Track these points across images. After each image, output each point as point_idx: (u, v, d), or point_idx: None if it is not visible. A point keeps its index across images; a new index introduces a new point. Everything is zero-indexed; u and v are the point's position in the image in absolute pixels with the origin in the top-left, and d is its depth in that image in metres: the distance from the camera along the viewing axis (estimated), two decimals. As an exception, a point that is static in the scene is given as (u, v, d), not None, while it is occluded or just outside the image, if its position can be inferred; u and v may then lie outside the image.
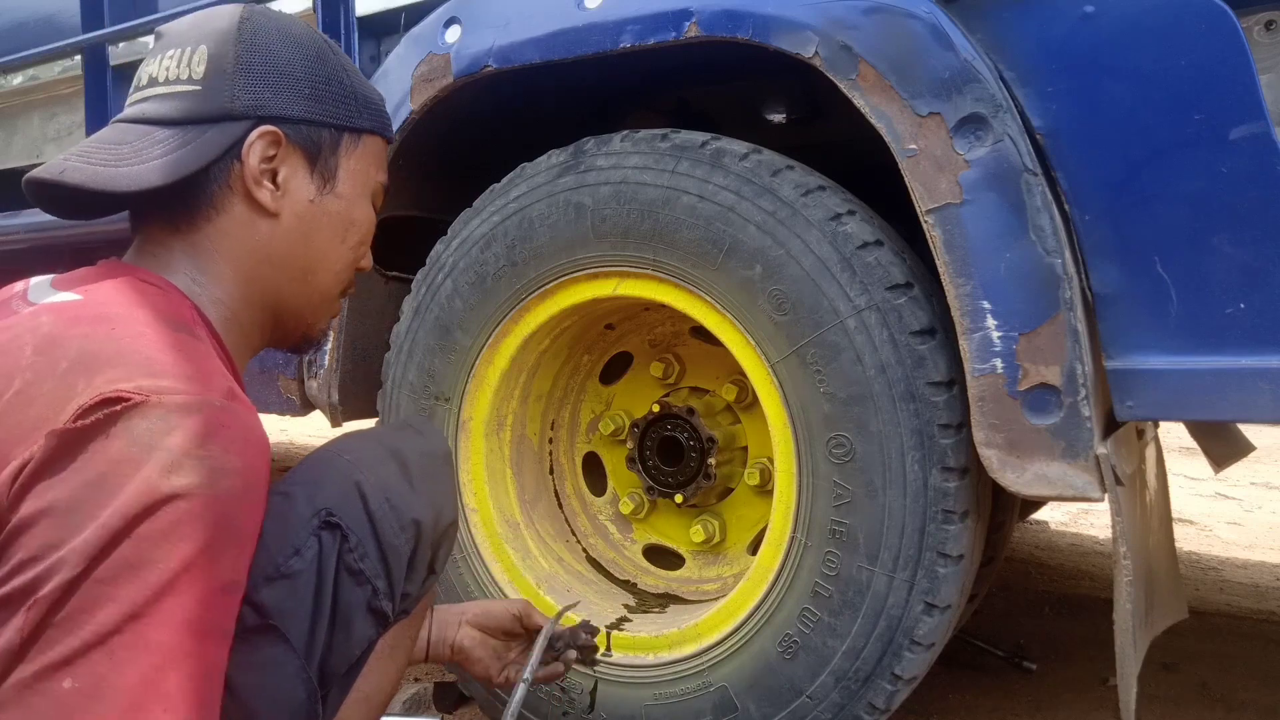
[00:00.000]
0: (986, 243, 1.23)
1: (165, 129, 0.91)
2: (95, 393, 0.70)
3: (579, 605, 1.61)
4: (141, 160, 0.88)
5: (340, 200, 1.00)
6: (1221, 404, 1.15)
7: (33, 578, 0.66)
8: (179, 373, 0.75)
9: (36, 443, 0.69)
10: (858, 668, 1.34)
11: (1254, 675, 2.06)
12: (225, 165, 0.92)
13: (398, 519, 0.93)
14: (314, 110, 0.96)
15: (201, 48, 0.92)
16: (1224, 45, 1.11)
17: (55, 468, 0.69)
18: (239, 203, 0.93)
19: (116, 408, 0.70)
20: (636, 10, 1.46)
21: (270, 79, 0.93)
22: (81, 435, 0.69)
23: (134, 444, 0.69)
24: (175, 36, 0.95)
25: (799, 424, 1.38)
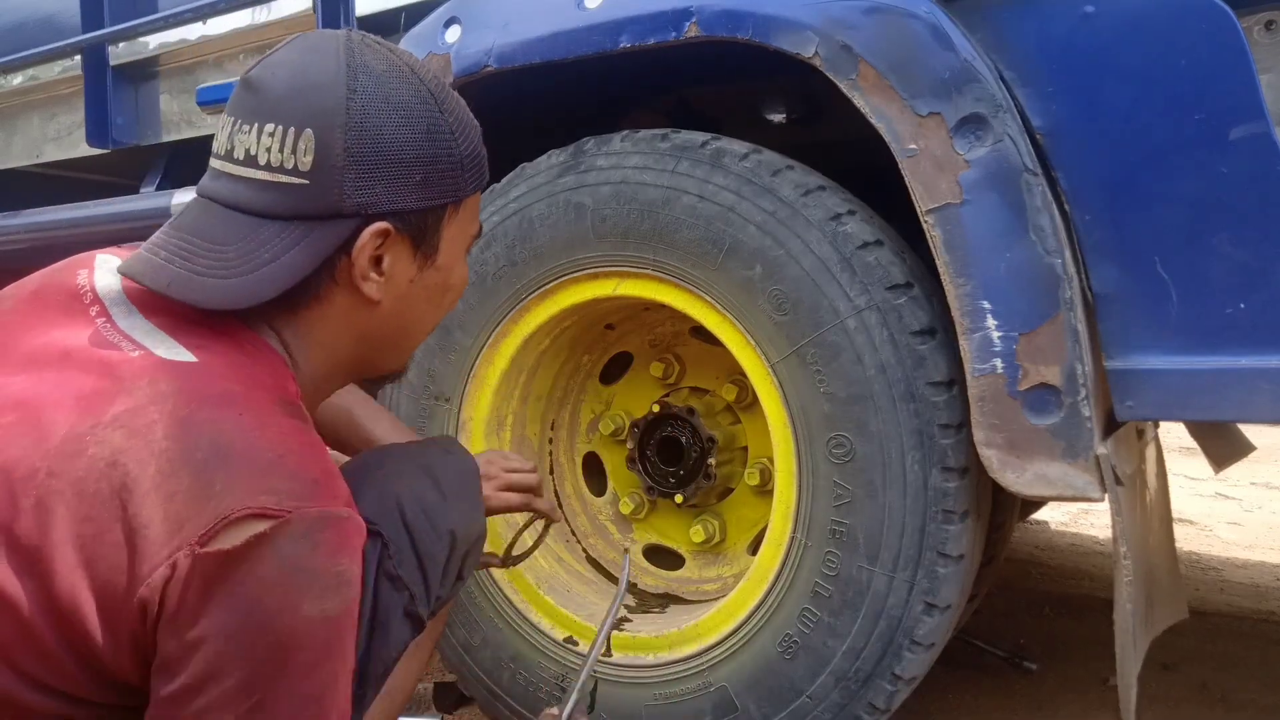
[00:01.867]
0: (986, 243, 1.23)
1: (271, 224, 0.84)
2: (238, 504, 0.72)
3: (578, 606, 1.62)
4: (252, 267, 0.83)
5: (439, 271, 0.95)
6: (1221, 404, 1.15)
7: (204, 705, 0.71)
8: (308, 477, 0.76)
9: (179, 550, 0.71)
10: (858, 668, 1.34)
11: (1254, 675, 2.06)
12: (333, 261, 0.87)
13: (434, 529, 0.97)
14: (424, 197, 0.89)
15: (307, 132, 0.83)
16: (1224, 45, 1.11)
17: (209, 596, 0.71)
18: (342, 293, 0.89)
19: (261, 529, 0.72)
20: (636, 10, 1.46)
21: (380, 171, 0.85)
22: (228, 565, 0.71)
23: (282, 567, 0.72)
24: (274, 106, 0.84)
25: (799, 424, 1.38)
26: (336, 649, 0.75)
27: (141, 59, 2.21)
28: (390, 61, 0.88)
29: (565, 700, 1.16)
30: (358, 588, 0.77)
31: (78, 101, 2.29)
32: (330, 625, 0.74)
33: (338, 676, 0.76)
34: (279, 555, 0.72)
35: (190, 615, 0.71)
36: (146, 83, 2.25)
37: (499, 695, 1.64)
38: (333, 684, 0.76)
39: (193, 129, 2.19)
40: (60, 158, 2.45)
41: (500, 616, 1.65)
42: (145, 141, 2.28)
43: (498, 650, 1.65)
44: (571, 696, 1.18)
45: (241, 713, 0.71)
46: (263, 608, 0.71)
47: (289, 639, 0.72)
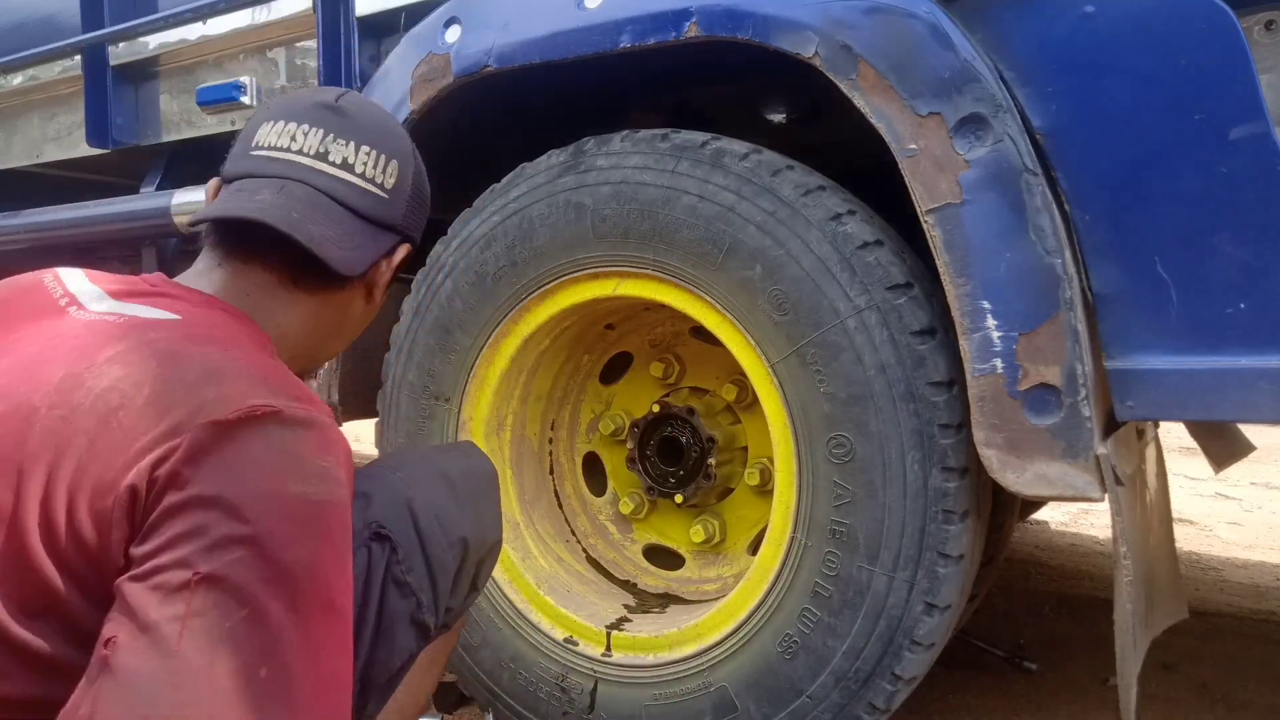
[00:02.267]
0: (986, 243, 1.23)
1: (356, 220, 1.02)
2: (232, 404, 0.77)
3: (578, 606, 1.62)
4: (352, 246, 1.00)
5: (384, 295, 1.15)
6: (1221, 404, 1.15)
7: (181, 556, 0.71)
8: (292, 394, 0.83)
9: (178, 436, 0.75)
10: (858, 668, 1.34)
11: (1254, 675, 2.06)
12: (377, 262, 1.07)
13: (445, 536, 0.97)
14: (419, 234, 1.13)
15: (394, 163, 1.05)
16: (1224, 45, 1.11)
17: (200, 462, 0.74)
18: (360, 288, 1.07)
19: (256, 413, 0.77)
20: (636, 10, 1.46)
21: (420, 208, 1.12)
22: (222, 434, 0.75)
23: (269, 449, 0.77)
24: (366, 131, 1.04)
25: (799, 424, 1.38)
26: (322, 532, 0.77)
27: (141, 59, 2.21)
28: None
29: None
30: (343, 490, 0.81)
31: (78, 101, 2.29)
32: (314, 507, 0.77)
33: (323, 560, 0.76)
34: (267, 437, 0.77)
35: (179, 482, 0.73)
36: (146, 83, 2.26)
37: (499, 695, 1.64)
38: (316, 564, 0.76)
39: (193, 129, 2.19)
40: (60, 158, 2.45)
41: (500, 616, 1.65)
42: (145, 141, 2.28)
43: (498, 650, 1.65)
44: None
45: (225, 565, 0.71)
46: (248, 477, 0.75)
47: (271, 509, 0.74)
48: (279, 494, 0.76)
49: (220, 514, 0.73)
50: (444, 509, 0.98)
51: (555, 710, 1.59)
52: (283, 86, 2.02)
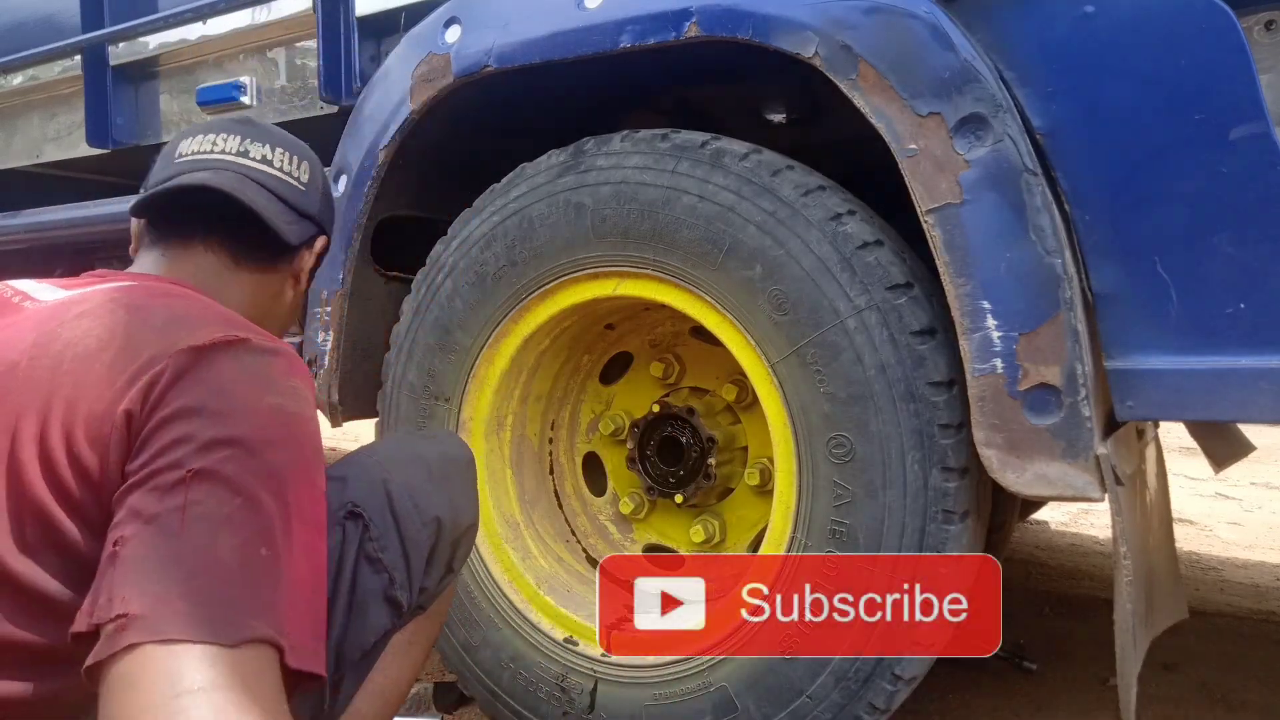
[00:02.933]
0: (986, 243, 1.23)
1: (282, 205, 1.11)
2: (202, 337, 0.83)
3: (577, 606, 1.61)
4: (287, 222, 1.11)
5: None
6: (1221, 404, 1.15)
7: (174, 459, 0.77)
8: (256, 330, 0.90)
9: (159, 364, 0.80)
10: (858, 668, 1.34)
11: (1254, 675, 2.06)
12: (301, 249, 1.16)
13: (420, 515, 1.00)
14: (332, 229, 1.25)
15: (305, 162, 1.17)
16: (1224, 45, 1.11)
17: (181, 381, 0.80)
18: (288, 273, 1.16)
19: (229, 340, 0.84)
20: (636, 10, 1.46)
21: (330, 208, 1.24)
22: (199, 356, 0.81)
23: (243, 369, 0.83)
24: (279, 141, 1.16)
25: (799, 424, 1.38)
26: (300, 440, 0.83)
27: (141, 59, 2.21)
28: None
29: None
30: (312, 409, 0.87)
31: (78, 101, 2.29)
32: (290, 417, 0.83)
33: (301, 467, 0.81)
34: (239, 360, 0.83)
35: (165, 400, 0.79)
36: (146, 83, 2.26)
37: (499, 695, 1.64)
38: (297, 469, 0.81)
39: (193, 129, 2.19)
40: (60, 158, 2.45)
41: (500, 616, 1.65)
42: (145, 141, 2.28)
43: (498, 650, 1.65)
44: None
45: (215, 461, 0.76)
46: (226, 390, 0.81)
47: (252, 417, 0.80)
48: (257, 404, 0.81)
49: (205, 420, 0.78)
50: (419, 489, 1.01)
51: (555, 710, 1.59)
52: (282, 86, 2.02)
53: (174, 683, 0.68)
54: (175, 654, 0.69)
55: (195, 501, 0.75)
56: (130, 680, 0.69)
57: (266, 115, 2.04)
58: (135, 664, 0.69)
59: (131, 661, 0.69)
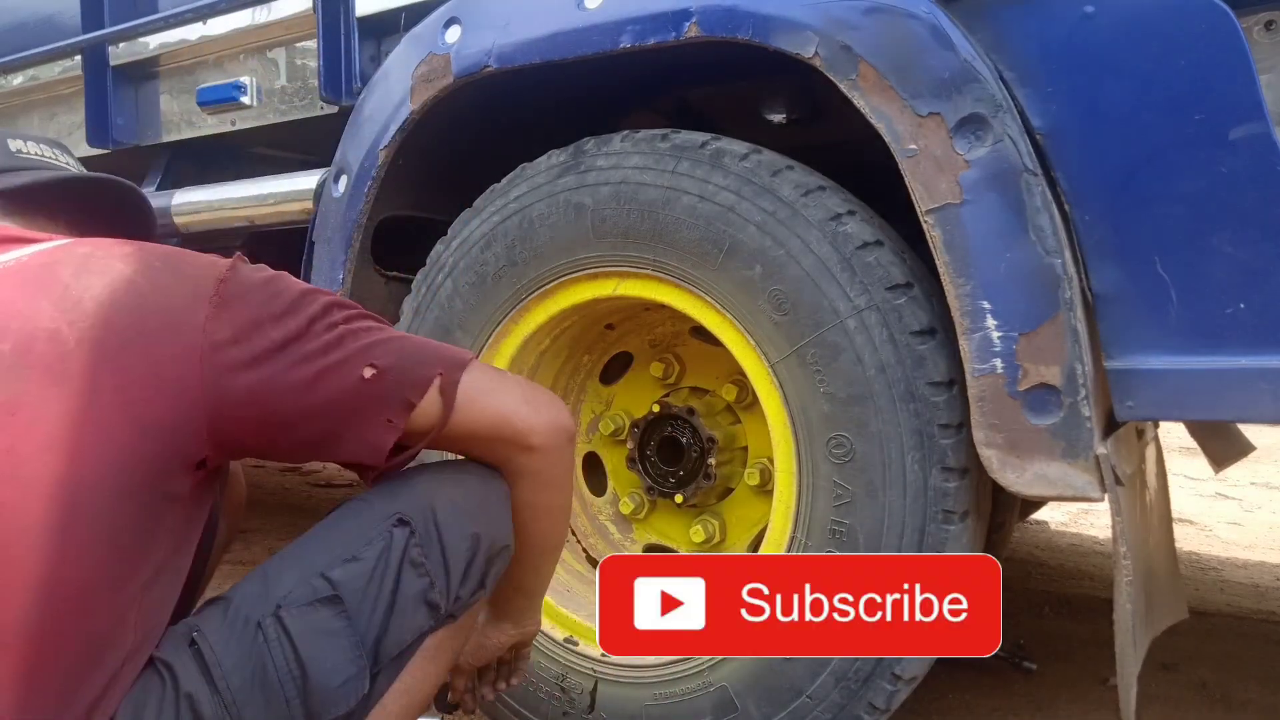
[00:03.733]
0: (986, 243, 1.23)
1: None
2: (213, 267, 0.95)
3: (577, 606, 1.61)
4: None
5: None
6: (1221, 404, 1.15)
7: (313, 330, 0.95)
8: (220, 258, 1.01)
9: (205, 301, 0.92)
10: (858, 668, 1.34)
11: (1254, 675, 2.06)
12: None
13: (460, 530, 1.06)
14: None
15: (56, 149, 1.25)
16: (1224, 45, 1.11)
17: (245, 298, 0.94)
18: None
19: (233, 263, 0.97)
20: (636, 10, 1.46)
21: None
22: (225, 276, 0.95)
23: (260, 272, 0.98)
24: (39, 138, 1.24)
25: (799, 424, 1.38)
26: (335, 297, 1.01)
27: (142, 59, 2.21)
28: None
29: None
30: None
31: (78, 101, 2.29)
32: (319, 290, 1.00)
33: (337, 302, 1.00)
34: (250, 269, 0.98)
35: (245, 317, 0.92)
36: (147, 83, 2.26)
37: (499, 695, 1.64)
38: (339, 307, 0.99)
39: (193, 129, 2.19)
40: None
41: (500, 616, 1.65)
42: (145, 141, 2.28)
43: (498, 650, 1.64)
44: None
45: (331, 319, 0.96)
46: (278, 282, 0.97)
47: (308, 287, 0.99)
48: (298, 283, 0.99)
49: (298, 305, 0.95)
50: (461, 507, 1.07)
51: (555, 710, 1.59)
52: (282, 86, 2.02)
53: (496, 375, 1.09)
54: (477, 369, 1.04)
55: (369, 328, 0.98)
56: (484, 389, 1.03)
57: (266, 115, 2.04)
58: (474, 385, 1.02)
59: (470, 386, 1.01)
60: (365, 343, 0.96)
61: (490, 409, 1.04)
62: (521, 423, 1.05)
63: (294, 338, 0.93)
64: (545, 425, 1.07)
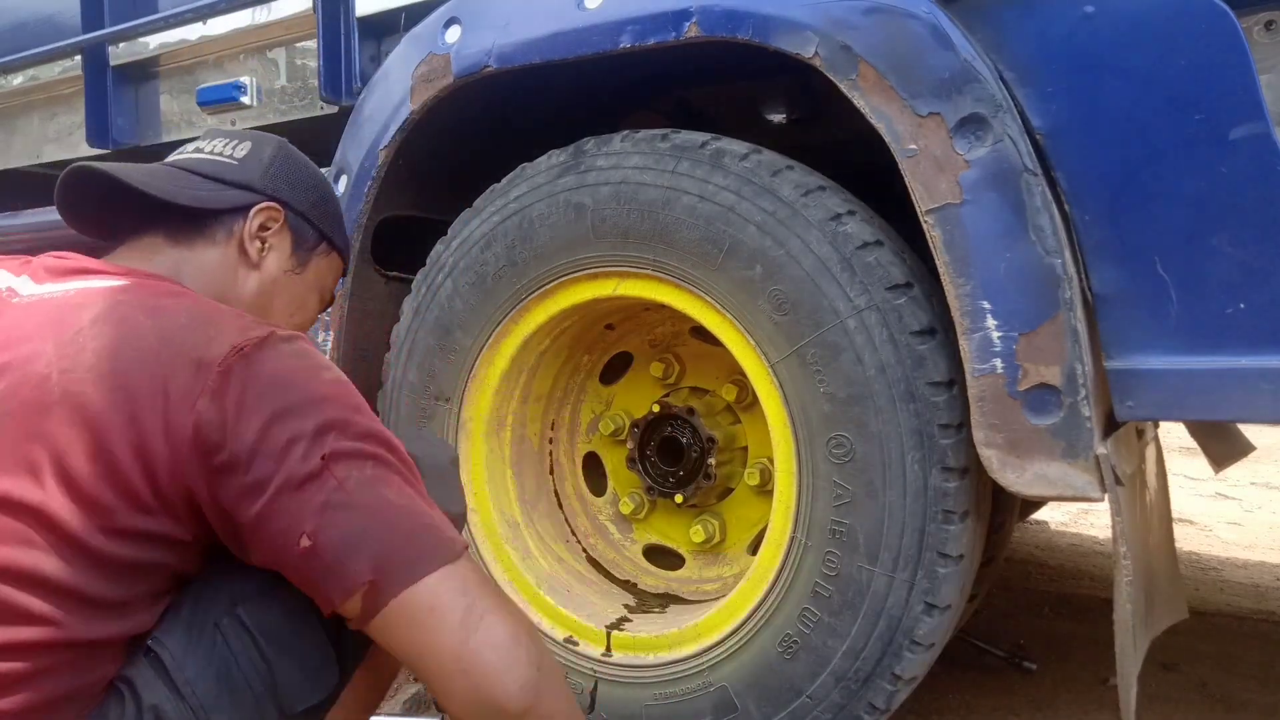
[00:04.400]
0: (986, 243, 1.23)
1: (201, 178, 1.16)
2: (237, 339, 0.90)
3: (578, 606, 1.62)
4: (181, 189, 1.13)
5: (303, 283, 1.25)
6: (1221, 404, 1.15)
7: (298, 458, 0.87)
8: (262, 322, 0.97)
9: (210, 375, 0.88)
10: (858, 668, 1.34)
11: (1254, 675, 2.06)
12: (235, 217, 1.16)
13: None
14: (311, 213, 1.23)
15: (246, 143, 1.20)
16: (1224, 45, 1.11)
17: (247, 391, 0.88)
18: (234, 247, 1.16)
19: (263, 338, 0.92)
20: (636, 10, 1.46)
21: (289, 179, 1.21)
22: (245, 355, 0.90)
23: (288, 358, 0.92)
24: (228, 135, 1.22)
25: (799, 424, 1.38)
26: (356, 398, 0.95)
27: (142, 59, 2.21)
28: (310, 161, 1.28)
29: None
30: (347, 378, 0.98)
31: (78, 101, 2.29)
32: (342, 383, 0.95)
33: (370, 415, 0.95)
34: (280, 351, 0.92)
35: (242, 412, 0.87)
36: (147, 83, 2.26)
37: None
38: (371, 419, 0.94)
39: (193, 129, 2.19)
40: (60, 158, 2.45)
41: (500, 616, 1.65)
42: (145, 142, 2.28)
43: (498, 650, 1.64)
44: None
45: (333, 442, 0.89)
46: (293, 383, 0.91)
47: (325, 392, 0.92)
48: (321, 384, 0.93)
49: (299, 416, 0.88)
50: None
51: (555, 710, 1.59)
52: (282, 86, 2.02)
53: (448, 603, 0.86)
54: (430, 585, 0.86)
55: (344, 477, 0.88)
56: (413, 618, 0.86)
57: (266, 115, 2.04)
58: (407, 608, 0.85)
59: (402, 608, 0.85)
60: (326, 500, 0.86)
61: (414, 649, 0.87)
62: (443, 683, 0.86)
63: (266, 458, 0.86)
64: (476, 699, 0.86)
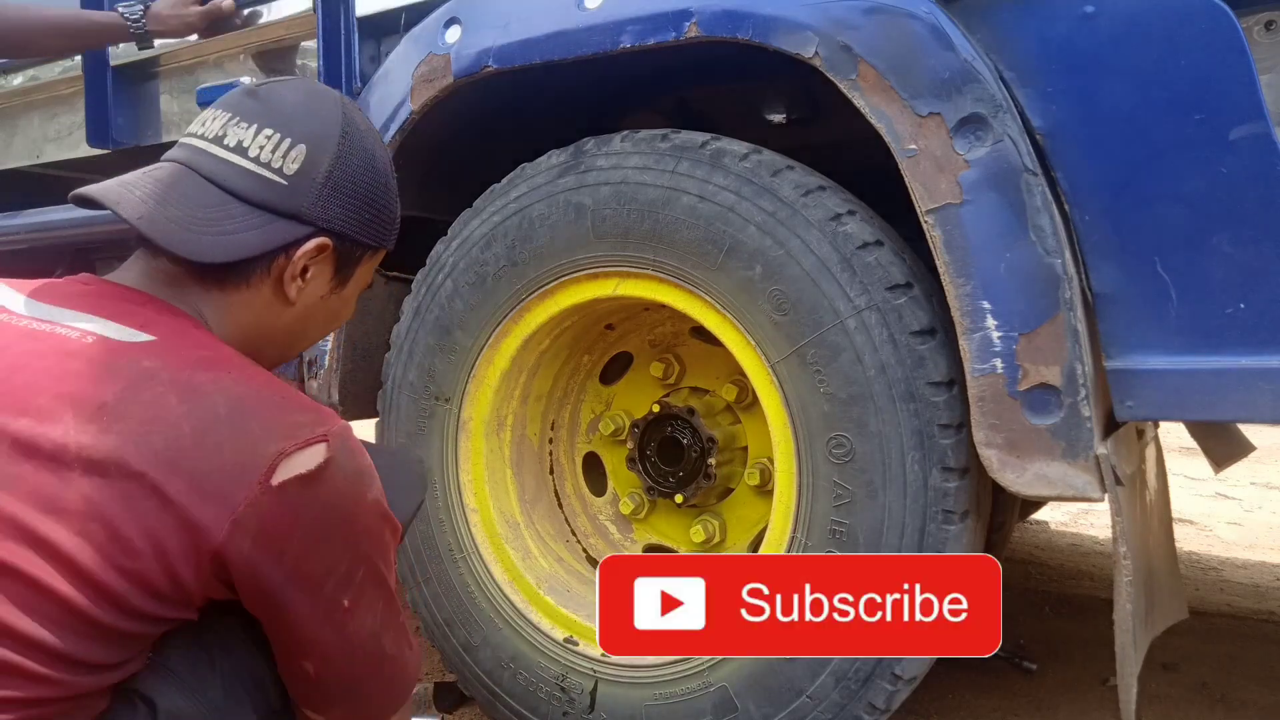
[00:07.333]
0: (986, 243, 1.23)
1: (240, 205, 0.94)
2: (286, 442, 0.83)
3: (578, 606, 1.61)
4: (218, 232, 0.93)
5: (342, 300, 1.08)
6: (1221, 404, 1.15)
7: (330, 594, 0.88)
8: (310, 405, 0.90)
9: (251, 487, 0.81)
10: (858, 668, 1.34)
11: (1254, 675, 2.06)
12: (274, 255, 0.97)
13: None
14: (364, 233, 1.03)
15: (301, 146, 0.96)
16: (1224, 45, 1.11)
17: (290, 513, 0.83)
18: (268, 286, 0.98)
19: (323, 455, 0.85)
20: (636, 10, 1.46)
21: (346, 199, 0.99)
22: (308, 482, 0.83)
23: (347, 475, 0.87)
24: (277, 114, 0.97)
25: (799, 424, 1.38)
26: (391, 525, 0.94)
27: (142, 59, 2.21)
28: (370, 126, 1.07)
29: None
30: (375, 475, 0.93)
31: (78, 101, 2.29)
32: (382, 505, 0.92)
33: (396, 529, 0.95)
34: (342, 469, 0.86)
35: (280, 539, 0.82)
36: (147, 83, 2.25)
37: (499, 695, 1.64)
38: (394, 536, 0.95)
39: (193, 129, 2.18)
40: (60, 158, 2.45)
41: (500, 616, 1.65)
42: (145, 142, 2.28)
43: (498, 650, 1.65)
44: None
45: (355, 591, 0.89)
46: (343, 509, 0.87)
47: (365, 523, 0.90)
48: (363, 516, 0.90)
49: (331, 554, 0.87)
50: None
51: (555, 710, 1.59)
52: (283, 86, 2.02)
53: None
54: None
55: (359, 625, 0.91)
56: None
57: (267, 115, 2.03)
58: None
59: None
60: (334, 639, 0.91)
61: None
62: None
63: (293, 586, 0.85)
64: None
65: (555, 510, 1.81)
